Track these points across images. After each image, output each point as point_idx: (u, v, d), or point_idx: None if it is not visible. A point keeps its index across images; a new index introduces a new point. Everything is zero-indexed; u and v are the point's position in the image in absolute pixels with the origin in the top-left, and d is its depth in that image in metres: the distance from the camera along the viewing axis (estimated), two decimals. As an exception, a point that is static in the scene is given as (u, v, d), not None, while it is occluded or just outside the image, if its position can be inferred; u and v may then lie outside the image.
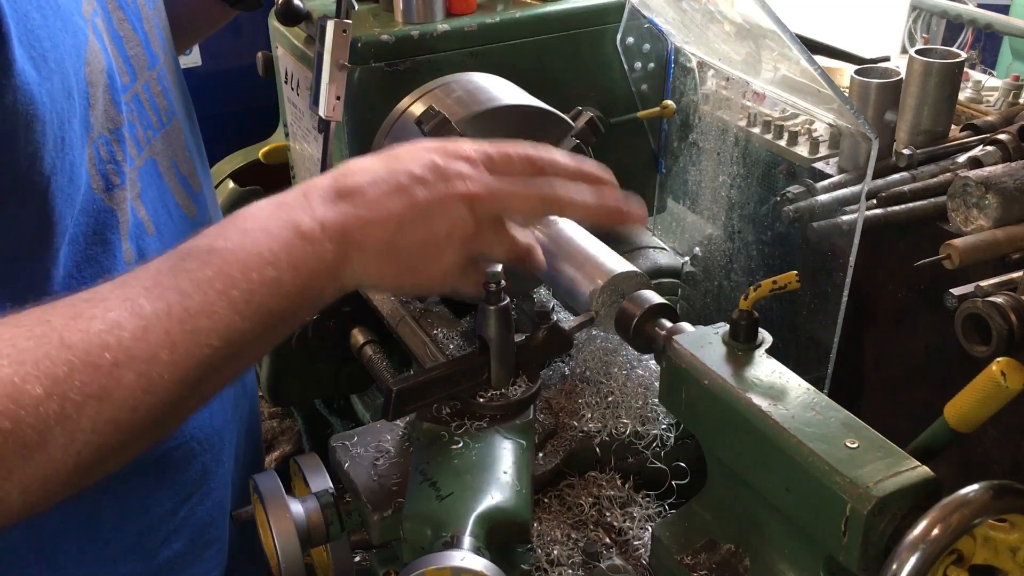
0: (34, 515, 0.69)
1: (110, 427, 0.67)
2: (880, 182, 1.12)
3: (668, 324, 0.88)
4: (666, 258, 1.46)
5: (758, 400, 0.75)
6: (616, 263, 0.95)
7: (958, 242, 0.95)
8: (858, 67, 1.19)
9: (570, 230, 1.00)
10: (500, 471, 0.85)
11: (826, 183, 1.16)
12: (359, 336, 1.29)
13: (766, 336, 0.83)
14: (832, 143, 1.25)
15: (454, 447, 0.88)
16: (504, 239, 0.83)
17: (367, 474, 0.95)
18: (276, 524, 0.89)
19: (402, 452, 0.97)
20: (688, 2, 1.23)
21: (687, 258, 1.45)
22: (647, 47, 1.39)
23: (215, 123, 2.37)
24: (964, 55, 1.15)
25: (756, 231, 1.30)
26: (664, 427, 1.00)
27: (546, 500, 0.96)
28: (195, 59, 2.43)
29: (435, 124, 1.03)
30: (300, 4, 1.25)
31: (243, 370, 0.78)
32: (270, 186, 1.98)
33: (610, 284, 0.93)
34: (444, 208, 0.78)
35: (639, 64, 1.40)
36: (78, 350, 0.65)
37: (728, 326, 0.83)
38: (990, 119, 1.20)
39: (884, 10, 1.87)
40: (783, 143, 1.27)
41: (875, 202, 1.10)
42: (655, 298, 0.91)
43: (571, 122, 1.12)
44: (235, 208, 0.77)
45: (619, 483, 0.98)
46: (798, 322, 1.20)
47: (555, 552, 0.89)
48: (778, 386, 0.77)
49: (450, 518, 0.79)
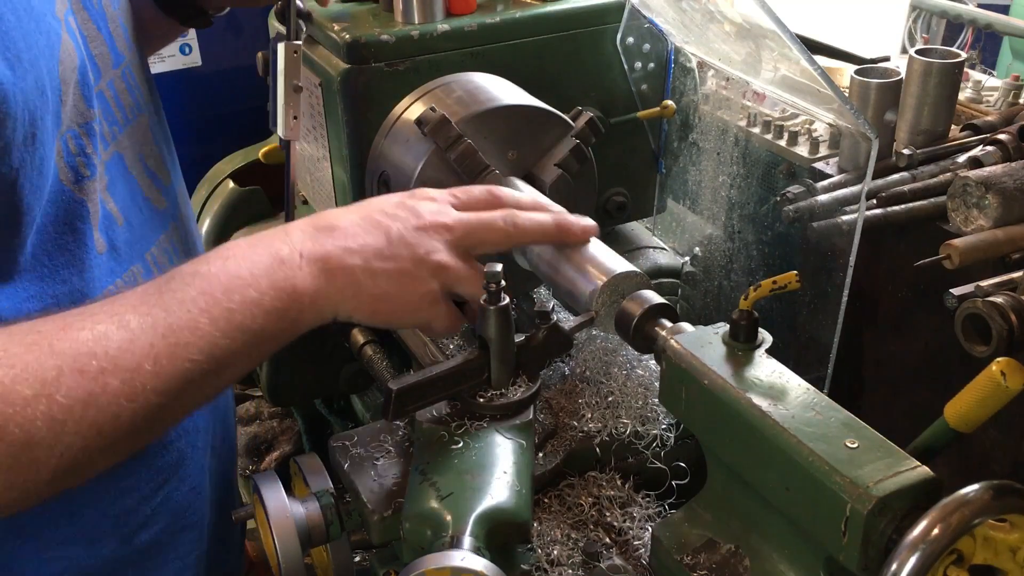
0: (15, 513, 0.73)
1: (93, 431, 0.71)
2: (880, 182, 1.12)
3: (668, 324, 0.88)
4: (666, 258, 1.46)
5: (758, 400, 0.75)
6: (616, 263, 0.95)
7: (958, 242, 0.95)
8: (858, 67, 1.19)
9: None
10: (500, 471, 0.85)
11: (826, 183, 1.16)
12: (359, 336, 1.29)
13: (766, 336, 0.83)
14: (832, 143, 1.25)
15: (454, 447, 0.88)
16: (473, 273, 0.89)
17: (367, 474, 0.95)
18: (276, 524, 0.89)
19: (402, 452, 0.97)
20: (688, 2, 1.23)
21: (687, 258, 1.45)
22: (647, 47, 1.39)
23: (215, 123, 2.38)
24: (964, 55, 1.15)
25: (756, 231, 1.30)
26: (664, 427, 1.00)
27: (546, 500, 0.96)
28: (195, 59, 2.43)
29: (435, 124, 1.03)
30: (300, 4, 1.25)
31: (223, 387, 0.84)
32: (270, 186, 1.99)
33: (610, 284, 0.93)
34: (417, 238, 0.86)
35: (639, 64, 1.40)
36: (67, 356, 0.70)
37: (728, 326, 0.83)
38: (990, 119, 1.20)
39: (884, 10, 1.87)
40: (783, 143, 1.27)
41: (875, 202, 1.10)
42: (655, 298, 0.91)
43: (571, 122, 1.12)
44: (235, 208, 0.81)
45: (619, 483, 0.98)
46: (798, 322, 1.20)
47: (555, 552, 0.89)
48: (778, 386, 0.77)
49: (450, 518, 0.79)
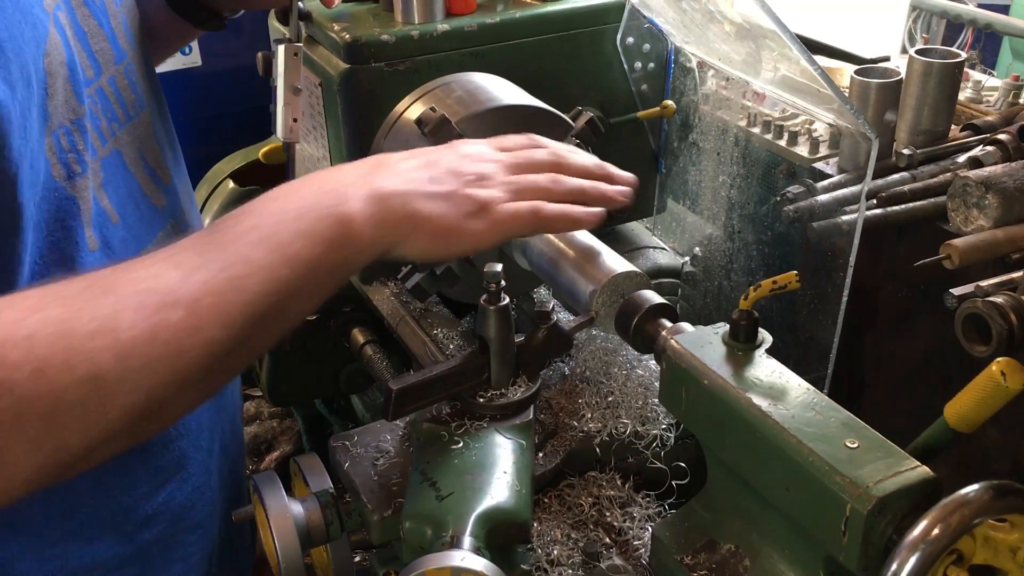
0: (96, 464, 0.71)
1: (160, 367, 0.69)
2: (880, 182, 1.12)
3: (668, 324, 0.88)
4: (666, 258, 1.46)
5: (758, 400, 0.75)
6: (616, 263, 0.95)
7: (958, 242, 0.95)
8: (858, 67, 1.19)
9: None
10: (500, 471, 0.85)
11: (826, 183, 1.16)
12: (359, 336, 1.29)
13: (766, 336, 0.83)
14: (832, 143, 1.25)
15: (454, 447, 0.88)
16: (519, 206, 0.88)
17: (367, 474, 0.95)
18: (276, 524, 0.89)
19: (402, 452, 0.97)
20: (688, 2, 1.23)
21: (687, 258, 1.45)
22: (647, 47, 1.39)
23: (215, 123, 2.38)
24: (964, 55, 1.15)
25: (756, 231, 1.30)
26: (664, 427, 1.00)
27: (546, 500, 0.96)
28: (195, 59, 2.43)
29: (435, 124, 1.03)
30: (300, 4, 1.25)
31: (289, 324, 0.82)
32: (270, 186, 1.99)
33: (610, 284, 0.93)
34: (466, 164, 0.87)
35: (639, 64, 1.40)
36: (123, 294, 0.69)
37: (728, 326, 0.83)
38: (990, 119, 1.20)
39: (884, 10, 1.87)
40: (783, 143, 1.27)
41: (875, 202, 1.10)
42: (655, 298, 0.91)
43: (571, 122, 1.12)
44: (234, 208, 0.80)
45: (619, 483, 0.98)
46: (798, 322, 1.20)
47: (555, 552, 0.89)
48: (778, 386, 0.77)
49: (450, 518, 0.79)
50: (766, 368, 0.80)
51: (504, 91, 1.13)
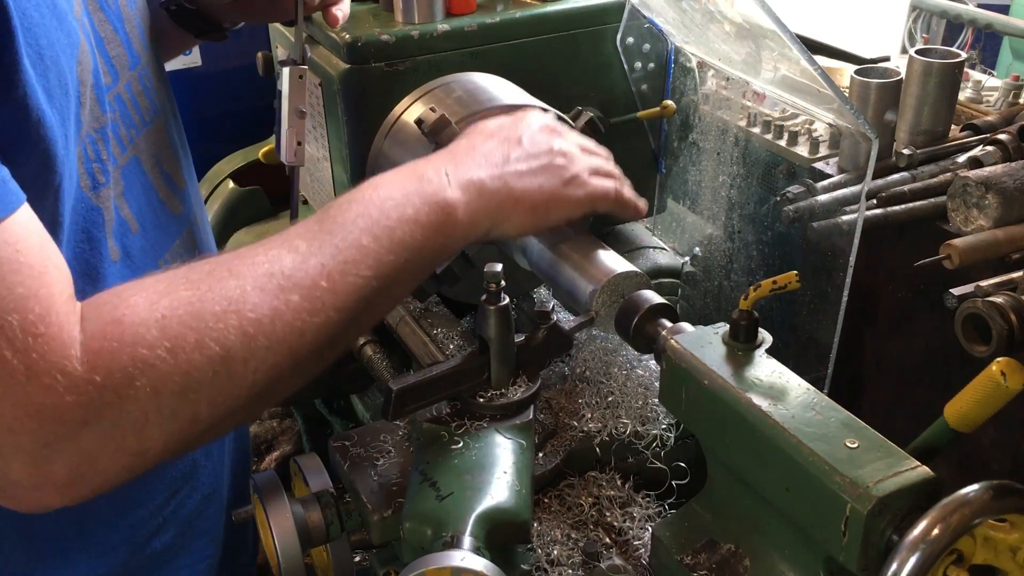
0: (219, 435, 0.77)
1: (283, 347, 0.74)
2: (880, 182, 1.12)
3: (668, 324, 0.88)
4: (666, 258, 1.46)
5: (758, 400, 0.75)
6: (616, 263, 0.95)
7: (958, 242, 0.95)
8: (858, 67, 1.19)
9: (568, 231, 1.00)
10: (500, 471, 0.85)
11: (826, 183, 1.16)
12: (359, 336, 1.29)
13: (766, 336, 0.83)
14: (832, 143, 1.25)
15: (454, 447, 0.88)
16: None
17: (367, 474, 0.95)
18: (276, 524, 0.89)
19: (402, 452, 0.97)
20: (688, 2, 1.23)
21: (687, 258, 1.45)
22: (647, 47, 1.39)
23: (215, 123, 2.38)
24: (964, 55, 1.15)
25: (756, 231, 1.30)
26: (664, 427, 1.00)
27: (546, 500, 0.96)
28: (195, 59, 2.42)
29: (435, 124, 1.03)
30: (304, 25, 1.25)
31: (392, 305, 0.91)
32: (270, 186, 1.99)
33: (610, 284, 0.93)
34: (545, 136, 0.94)
35: (639, 64, 1.40)
36: (247, 277, 0.73)
37: (728, 326, 0.83)
38: (990, 119, 1.20)
39: (884, 10, 1.87)
40: (783, 143, 1.27)
41: (875, 202, 1.10)
42: (655, 298, 0.91)
43: (571, 122, 1.12)
44: (235, 209, 0.82)
45: (619, 483, 0.98)
46: (798, 322, 1.20)
47: (555, 552, 0.89)
48: (778, 386, 0.77)
49: (450, 518, 0.79)
50: (766, 368, 0.80)
51: (504, 91, 1.13)
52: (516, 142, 0.93)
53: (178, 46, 1.35)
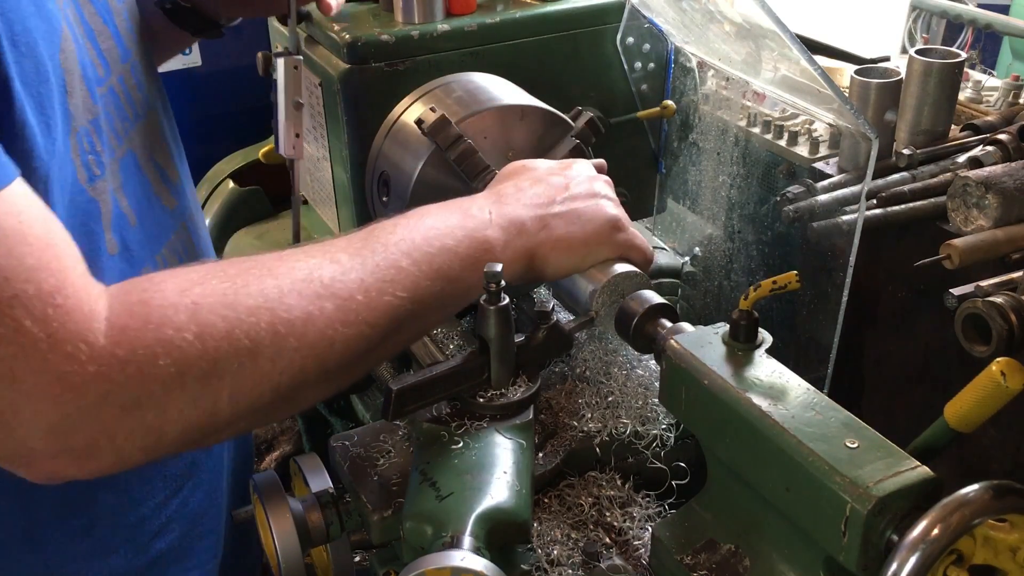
0: (230, 437, 0.78)
1: (312, 353, 0.74)
2: (880, 182, 1.12)
3: (668, 324, 0.88)
4: (666, 258, 1.46)
5: (758, 400, 0.75)
6: (616, 263, 0.95)
7: (958, 242, 0.95)
8: (858, 67, 1.19)
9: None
10: (500, 471, 0.85)
11: (826, 183, 1.16)
12: (359, 336, 1.29)
13: (766, 336, 0.83)
14: (832, 143, 1.25)
15: (454, 447, 0.88)
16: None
17: (367, 474, 0.95)
18: (276, 524, 0.89)
19: (402, 452, 0.97)
20: (688, 2, 1.23)
21: (687, 258, 1.45)
22: (647, 47, 1.39)
23: (215, 123, 2.38)
24: (964, 55, 1.15)
25: (756, 231, 1.30)
26: (664, 427, 1.00)
27: (546, 500, 0.96)
28: (195, 59, 2.43)
29: (435, 124, 1.03)
30: (302, 10, 1.25)
31: (423, 332, 0.92)
32: (270, 186, 1.99)
33: (610, 284, 0.93)
34: (587, 183, 0.95)
35: (639, 64, 1.40)
36: (285, 278, 0.74)
37: (728, 326, 0.83)
38: (990, 119, 1.20)
39: (884, 10, 1.87)
40: (783, 143, 1.27)
41: (875, 202, 1.10)
42: (655, 298, 0.91)
43: (571, 122, 1.12)
44: (235, 208, 0.82)
45: (619, 483, 0.98)
46: (798, 322, 1.20)
47: (555, 552, 0.89)
48: (778, 386, 0.77)
49: (450, 518, 0.79)
50: (766, 368, 0.80)
51: (504, 91, 1.13)
52: (563, 188, 0.94)
53: (175, 46, 1.35)
